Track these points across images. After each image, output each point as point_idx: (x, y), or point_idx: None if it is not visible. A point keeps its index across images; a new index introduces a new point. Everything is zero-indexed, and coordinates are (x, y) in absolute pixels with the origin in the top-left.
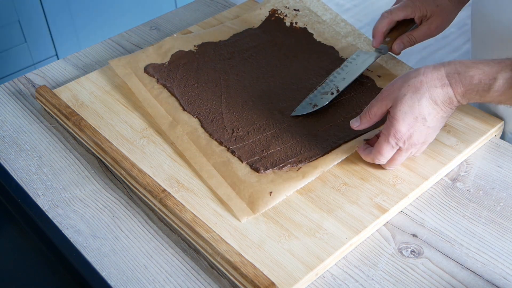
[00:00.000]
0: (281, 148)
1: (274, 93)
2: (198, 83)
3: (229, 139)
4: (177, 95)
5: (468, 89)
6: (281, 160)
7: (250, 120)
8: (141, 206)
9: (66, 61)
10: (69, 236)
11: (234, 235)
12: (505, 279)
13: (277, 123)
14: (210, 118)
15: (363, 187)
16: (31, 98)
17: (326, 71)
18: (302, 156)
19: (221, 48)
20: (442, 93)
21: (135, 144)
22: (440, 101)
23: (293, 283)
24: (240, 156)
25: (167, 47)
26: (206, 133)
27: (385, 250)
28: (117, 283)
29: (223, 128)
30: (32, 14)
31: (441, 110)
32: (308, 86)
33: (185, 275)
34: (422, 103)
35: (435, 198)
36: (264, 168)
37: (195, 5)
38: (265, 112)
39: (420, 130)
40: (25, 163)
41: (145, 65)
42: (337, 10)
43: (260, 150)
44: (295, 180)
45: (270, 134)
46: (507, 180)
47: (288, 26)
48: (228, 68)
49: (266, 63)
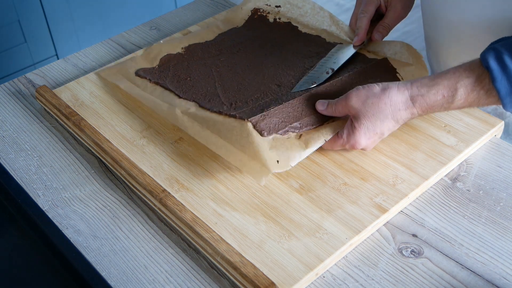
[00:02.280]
0: (283, 107)
1: (269, 72)
2: (191, 77)
3: (228, 109)
4: (171, 88)
5: (433, 106)
6: (283, 124)
7: (248, 93)
8: (141, 206)
9: (66, 61)
10: (69, 236)
11: (234, 235)
12: (505, 279)
13: (274, 93)
14: (207, 99)
15: (363, 187)
16: (31, 98)
17: (315, 53)
18: (303, 122)
19: (208, 47)
20: (405, 114)
21: (135, 144)
22: (402, 120)
23: (293, 283)
24: (242, 116)
25: (155, 53)
26: (206, 110)
27: (385, 250)
28: (117, 283)
29: (221, 103)
30: (32, 14)
31: (399, 125)
32: (300, 67)
33: (185, 275)
34: (384, 122)
35: (435, 198)
36: (268, 132)
37: (195, 5)
38: (262, 86)
39: (375, 141)
40: (25, 163)
41: (136, 70)
42: (337, 10)
43: (260, 110)
44: (299, 149)
45: (269, 100)
46: (507, 180)
47: (272, 22)
48: (219, 62)
49: (255, 55)
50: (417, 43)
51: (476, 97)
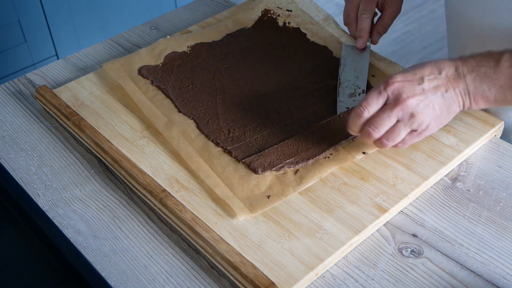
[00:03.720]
0: (278, 147)
1: (269, 93)
2: (193, 85)
3: (225, 139)
4: (172, 97)
5: (479, 64)
6: (278, 161)
7: (246, 120)
8: (141, 206)
9: (66, 61)
10: (69, 236)
11: (234, 235)
12: (505, 279)
13: (273, 122)
14: (206, 119)
15: (363, 187)
16: (31, 98)
17: (320, 70)
18: (300, 157)
19: (214, 49)
20: (449, 64)
21: (135, 144)
22: (445, 72)
23: (293, 283)
24: (237, 156)
25: (161, 49)
26: (202, 134)
27: (385, 250)
28: (117, 283)
29: (219, 129)
30: (32, 14)
31: (443, 82)
32: (303, 86)
33: (185, 275)
34: (425, 66)
35: (435, 198)
36: (262, 169)
37: (195, 5)
38: (261, 112)
39: (413, 89)
40: (25, 163)
41: (139, 67)
42: (337, 10)
43: (256, 150)
44: (294, 184)
45: (267, 134)
46: (507, 180)
47: (281, 26)
48: (223, 69)
49: (260, 64)
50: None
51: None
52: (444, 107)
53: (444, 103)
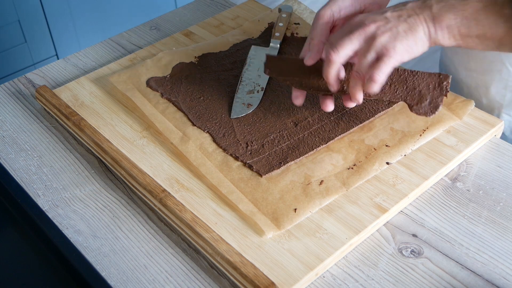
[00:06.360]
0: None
1: (283, 103)
2: (204, 96)
3: (244, 153)
4: (184, 109)
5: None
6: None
7: (263, 132)
8: (141, 206)
9: (66, 61)
10: (69, 236)
11: (234, 235)
12: (505, 279)
13: (291, 134)
14: (222, 132)
15: (363, 187)
16: (31, 98)
17: None
18: None
19: (222, 59)
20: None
21: (135, 144)
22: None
23: (293, 283)
24: (259, 170)
25: (167, 60)
26: (220, 148)
27: (385, 250)
28: (117, 283)
29: (236, 142)
30: (32, 14)
31: (407, 11)
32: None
33: (185, 275)
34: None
35: (435, 198)
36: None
37: (195, 5)
38: (278, 123)
39: (375, 17)
40: (25, 163)
41: (147, 79)
42: None
43: (278, 163)
44: (319, 197)
45: (286, 146)
46: (507, 180)
47: (289, 36)
48: (232, 78)
49: None
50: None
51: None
52: (408, 30)
53: (408, 26)
